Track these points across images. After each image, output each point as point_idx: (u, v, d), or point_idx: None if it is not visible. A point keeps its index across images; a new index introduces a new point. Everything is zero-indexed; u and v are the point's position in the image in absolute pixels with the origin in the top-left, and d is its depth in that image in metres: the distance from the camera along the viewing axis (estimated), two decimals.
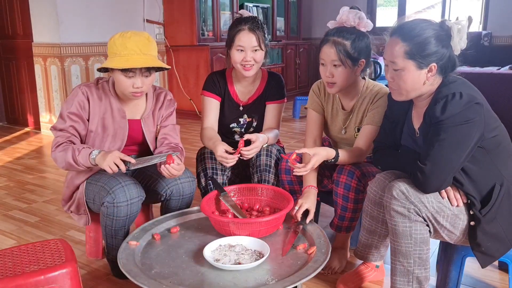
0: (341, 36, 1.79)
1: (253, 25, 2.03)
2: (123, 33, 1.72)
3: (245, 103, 2.20)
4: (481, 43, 6.08)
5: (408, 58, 1.43)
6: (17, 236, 2.35)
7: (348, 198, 1.83)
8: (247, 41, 2.02)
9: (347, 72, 1.81)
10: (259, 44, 2.03)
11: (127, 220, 1.79)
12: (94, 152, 1.70)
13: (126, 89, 1.75)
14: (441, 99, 1.41)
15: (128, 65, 1.67)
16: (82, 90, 1.83)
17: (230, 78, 2.21)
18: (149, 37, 1.74)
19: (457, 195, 1.47)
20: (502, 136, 1.49)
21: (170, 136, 1.96)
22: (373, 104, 1.87)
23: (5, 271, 1.29)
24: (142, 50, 1.69)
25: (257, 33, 2.02)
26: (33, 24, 4.57)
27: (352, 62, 1.79)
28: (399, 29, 1.48)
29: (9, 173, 3.46)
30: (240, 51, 2.03)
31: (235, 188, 1.94)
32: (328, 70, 1.82)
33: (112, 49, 1.72)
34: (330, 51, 1.80)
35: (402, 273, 1.51)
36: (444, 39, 1.44)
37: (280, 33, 6.78)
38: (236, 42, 2.03)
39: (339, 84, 1.83)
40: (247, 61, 2.03)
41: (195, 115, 5.34)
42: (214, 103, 2.18)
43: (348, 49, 1.78)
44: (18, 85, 5.04)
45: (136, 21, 5.15)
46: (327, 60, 1.81)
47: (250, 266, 1.48)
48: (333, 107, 2.01)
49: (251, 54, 2.03)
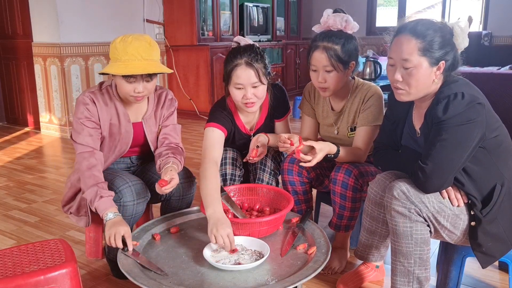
0: (330, 41, 1.79)
1: (250, 57, 1.82)
2: (124, 37, 1.69)
3: (253, 131, 2.09)
4: (481, 43, 6.08)
5: (421, 55, 1.42)
6: (17, 236, 2.35)
7: (346, 197, 1.83)
8: (245, 78, 1.82)
9: (339, 76, 1.82)
10: (259, 79, 1.83)
11: (132, 219, 1.79)
12: (109, 215, 1.65)
13: (127, 94, 1.74)
14: (443, 99, 1.40)
15: (128, 72, 1.65)
16: (88, 97, 1.80)
17: (233, 108, 2.02)
18: (150, 41, 1.71)
19: (458, 195, 1.47)
20: (503, 136, 1.49)
21: (171, 136, 1.95)
22: (365, 104, 1.89)
23: (5, 271, 1.29)
24: (143, 55, 1.67)
25: (256, 67, 1.82)
26: (33, 24, 4.57)
27: (344, 66, 1.82)
28: (407, 27, 1.45)
29: (9, 173, 3.46)
30: (239, 89, 1.85)
31: (235, 188, 1.94)
32: (320, 75, 1.83)
33: (113, 54, 1.70)
34: (321, 57, 1.80)
35: (402, 273, 1.51)
36: (449, 38, 1.44)
37: (280, 33, 6.78)
38: (233, 80, 1.84)
39: (332, 88, 1.85)
40: (248, 98, 1.85)
41: (195, 115, 5.34)
42: (220, 135, 1.94)
43: (339, 53, 1.79)
44: (18, 85, 5.04)
45: (136, 21, 5.15)
46: (319, 66, 1.82)
47: (250, 266, 1.48)
48: (324, 108, 2.03)
49: (252, 91, 1.84)
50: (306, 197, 2.02)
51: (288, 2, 6.85)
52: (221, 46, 5.46)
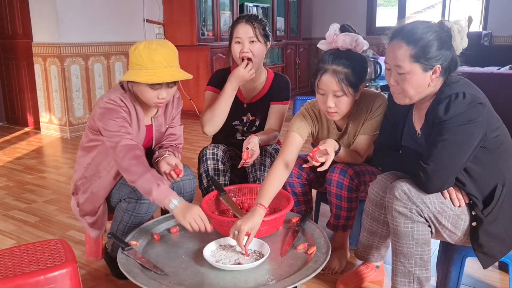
0: (340, 64, 1.68)
1: (251, 17, 2.06)
2: (148, 44, 1.66)
3: (249, 101, 2.20)
4: (481, 43, 6.07)
5: (413, 61, 1.41)
6: (17, 236, 2.35)
7: (341, 197, 1.83)
8: (244, 32, 2.03)
9: (350, 100, 1.73)
10: (256, 35, 2.03)
11: (144, 217, 1.81)
12: (173, 201, 1.60)
13: (150, 100, 1.72)
14: (444, 99, 1.40)
15: (157, 80, 1.64)
16: (119, 99, 1.73)
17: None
18: (173, 47, 1.71)
19: (459, 195, 1.46)
20: (503, 136, 1.48)
21: (175, 135, 1.98)
22: (372, 113, 1.81)
23: (5, 271, 1.29)
24: (168, 62, 1.66)
25: (254, 25, 2.03)
26: (33, 24, 4.57)
27: (354, 90, 1.72)
28: (401, 32, 1.45)
29: (9, 173, 3.46)
30: (238, 43, 2.05)
31: (235, 188, 1.94)
32: (329, 100, 1.71)
33: (137, 61, 1.66)
34: (331, 82, 1.69)
35: (403, 274, 1.51)
36: (446, 40, 1.43)
37: (280, 33, 6.78)
38: (234, 35, 2.06)
39: (341, 113, 1.76)
40: (245, 52, 2.03)
41: (195, 115, 5.34)
42: (214, 96, 2.15)
43: (350, 77, 1.68)
44: (18, 85, 5.04)
45: (136, 21, 5.15)
46: (328, 91, 1.71)
47: (250, 266, 1.48)
48: (329, 130, 1.94)
49: (249, 46, 2.03)
50: (305, 198, 2.02)
51: (288, 2, 6.85)
52: (221, 46, 5.45)
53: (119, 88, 1.79)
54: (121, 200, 1.82)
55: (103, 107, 1.72)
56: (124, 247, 1.59)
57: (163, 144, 1.94)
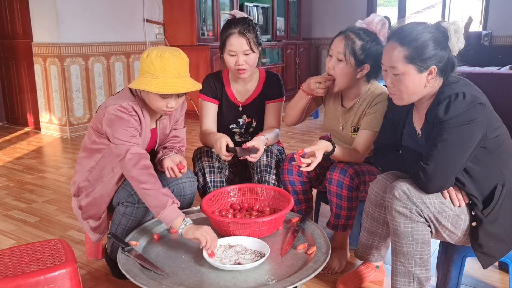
0: (356, 34, 1.78)
1: (243, 27, 1.99)
2: (161, 52, 1.63)
3: (243, 103, 2.19)
4: (481, 43, 6.07)
5: (408, 62, 1.43)
6: (17, 236, 2.35)
7: (342, 196, 1.83)
8: (238, 45, 1.98)
9: (347, 70, 1.79)
10: (251, 47, 2.00)
11: (142, 221, 1.81)
12: (187, 219, 1.60)
13: (159, 108, 1.71)
14: (444, 99, 1.40)
15: (169, 91, 1.63)
16: (131, 107, 1.72)
17: (226, 79, 2.18)
18: (185, 56, 1.70)
19: (459, 195, 1.46)
20: (503, 136, 1.48)
21: (179, 138, 1.97)
22: (371, 107, 1.85)
23: (5, 271, 1.29)
24: (180, 72, 1.65)
25: (248, 36, 1.99)
26: (33, 24, 4.57)
27: (356, 63, 1.78)
28: (396, 34, 1.47)
29: (9, 173, 3.46)
30: (232, 55, 2.01)
31: (235, 188, 1.93)
32: (332, 61, 1.82)
33: (149, 69, 1.63)
34: (339, 43, 1.79)
35: (403, 274, 1.51)
36: (442, 41, 1.43)
37: (280, 33, 6.77)
38: (227, 47, 2.01)
39: (338, 81, 1.83)
40: (240, 65, 2.00)
41: (195, 115, 5.33)
42: (210, 107, 2.16)
43: (356, 48, 1.77)
44: (18, 85, 5.04)
45: (136, 21, 5.15)
46: (334, 51, 1.81)
47: (250, 266, 1.48)
48: (335, 101, 2.01)
49: (243, 58, 2.00)
50: (306, 197, 2.02)
51: (288, 2, 6.85)
52: None
53: (129, 94, 1.76)
54: (119, 203, 1.82)
55: (114, 114, 1.69)
56: (124, 247, 1.59)
57: (166, 146, 1.94)
